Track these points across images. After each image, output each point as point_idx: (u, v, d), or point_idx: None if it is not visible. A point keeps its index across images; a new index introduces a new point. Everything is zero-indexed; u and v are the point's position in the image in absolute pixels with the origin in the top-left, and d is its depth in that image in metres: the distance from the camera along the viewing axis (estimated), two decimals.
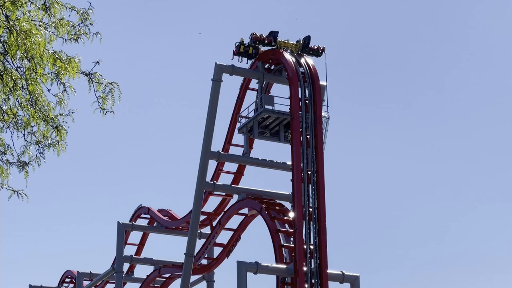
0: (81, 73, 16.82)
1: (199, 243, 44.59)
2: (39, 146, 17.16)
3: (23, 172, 17.10)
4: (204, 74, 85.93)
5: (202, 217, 44.83)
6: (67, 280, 59.98)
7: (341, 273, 39.05)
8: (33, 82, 16.31)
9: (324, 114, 41.05)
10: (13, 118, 16.94)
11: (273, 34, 42.50)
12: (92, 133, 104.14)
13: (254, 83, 43.53)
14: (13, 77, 16.41)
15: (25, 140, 17.11)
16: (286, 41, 42.66)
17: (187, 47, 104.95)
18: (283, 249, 39.29)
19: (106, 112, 17.00)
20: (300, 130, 39.88)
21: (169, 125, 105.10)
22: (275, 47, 42.44)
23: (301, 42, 42.68)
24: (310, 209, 38.52)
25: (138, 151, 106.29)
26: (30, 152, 17.11)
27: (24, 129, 17.05)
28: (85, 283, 54.88)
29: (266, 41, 42.28)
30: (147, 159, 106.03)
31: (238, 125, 43.50)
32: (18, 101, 16.69)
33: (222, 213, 44.78)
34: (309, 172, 39.18)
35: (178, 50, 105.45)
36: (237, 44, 42.17)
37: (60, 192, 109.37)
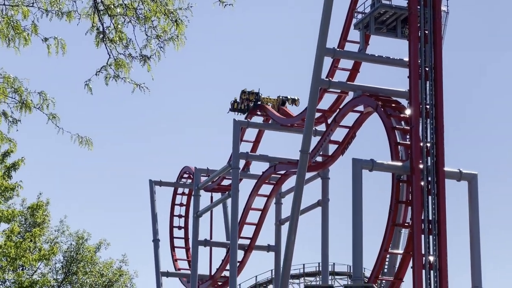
0: None
1: (314, 140, 44.65)
2: (159, 40, 17.29)
3: (145, 66, 17.30)
4: None
5: (317, 115, 44.74)
6: (185, 175, 61.48)
7: (458, 171, 38.54)
8: None
9: (443, 8, 39.87)
10: (134, 12, 17.09)
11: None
12: (211, 27, 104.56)
13: None
14: None
15: (146, 35, 17.26)
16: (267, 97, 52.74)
17: None
18: (399, 146, 38.97)
19: (225, 5, 16.94)
20: (418, 25, 38.89)
21: (284, 21, 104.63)
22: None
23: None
24: (427, 106, 37.89)
25: (256, 45, 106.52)
26: (151, 46, 17.28)
27: (144, 23, 17.19)
28: (202, 178, 56.07)
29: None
30: (265, 53, 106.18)
31: (354, 21, 42.79)
32: None
33: (337, 110, 44.61)
34: (427, 69, 38.38)
35: None
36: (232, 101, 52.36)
37: (179, 87, 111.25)
